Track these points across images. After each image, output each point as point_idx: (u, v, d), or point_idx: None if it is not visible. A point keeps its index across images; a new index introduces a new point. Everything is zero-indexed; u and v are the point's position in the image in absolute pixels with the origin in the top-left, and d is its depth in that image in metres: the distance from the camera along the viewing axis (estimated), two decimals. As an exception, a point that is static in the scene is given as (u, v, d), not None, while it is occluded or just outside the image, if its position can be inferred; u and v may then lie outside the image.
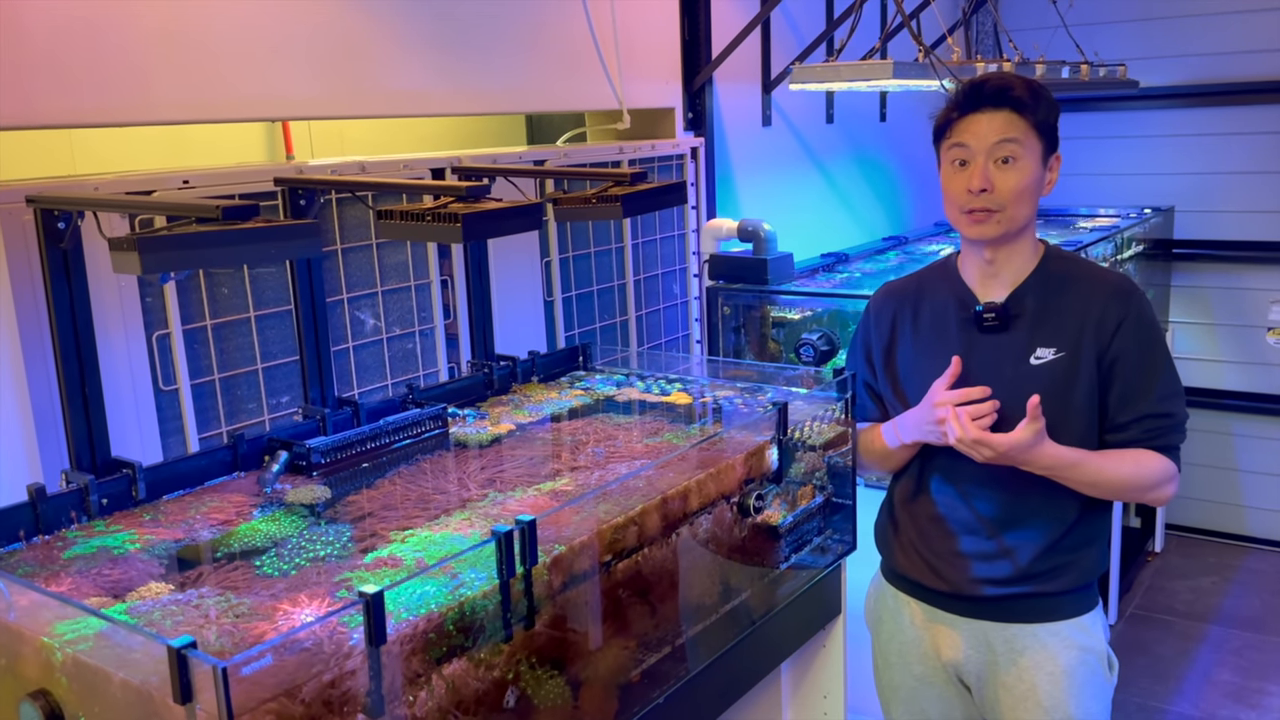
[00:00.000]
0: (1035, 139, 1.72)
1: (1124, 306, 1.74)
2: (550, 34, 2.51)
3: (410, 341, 2.25)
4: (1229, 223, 4.47)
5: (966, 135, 1.73)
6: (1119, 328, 1.73)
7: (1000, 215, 1.72)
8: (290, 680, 1.03)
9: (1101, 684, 1.84)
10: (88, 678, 1.11)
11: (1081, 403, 1.74)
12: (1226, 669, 3.63)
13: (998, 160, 1.71)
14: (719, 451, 1.71)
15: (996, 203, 1.71)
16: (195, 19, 1.79)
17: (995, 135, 1.70)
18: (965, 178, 1.73)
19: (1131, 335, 1.74)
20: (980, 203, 1.72)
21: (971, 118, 1.73)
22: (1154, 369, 1.75)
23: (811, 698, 2.10)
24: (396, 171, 2.13)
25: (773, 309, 3.02)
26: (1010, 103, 1.71)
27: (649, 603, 1.54)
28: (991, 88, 1.73)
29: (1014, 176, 1.71)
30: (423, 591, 1.22)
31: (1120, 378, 1.74)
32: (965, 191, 1.73)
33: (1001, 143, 1.70)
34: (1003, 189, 1.71)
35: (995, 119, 1.71)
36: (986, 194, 1.71)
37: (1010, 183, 1.71)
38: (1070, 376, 1.74)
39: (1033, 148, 1.72)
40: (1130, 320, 1.74)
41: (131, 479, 1.55)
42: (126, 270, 1.23)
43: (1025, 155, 1.71)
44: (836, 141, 3.79)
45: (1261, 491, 4.57)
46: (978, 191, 1.71)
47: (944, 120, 1.77)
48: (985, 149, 1.71)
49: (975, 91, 1.74)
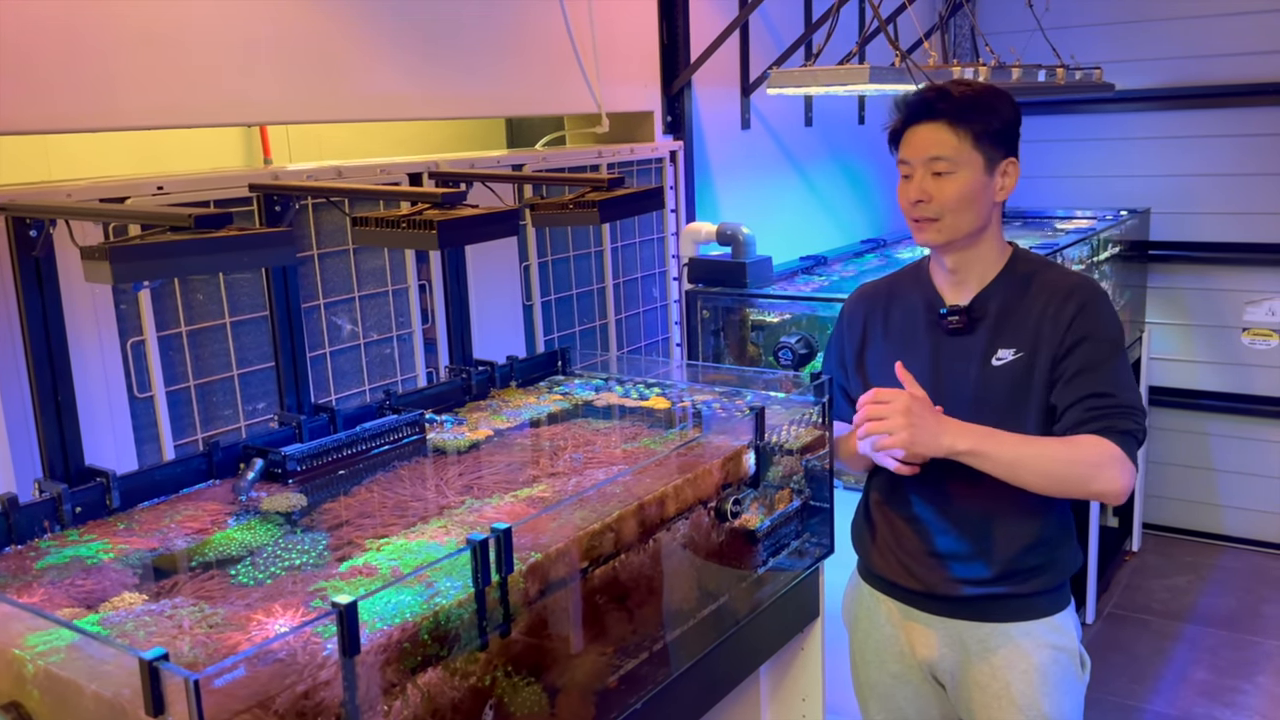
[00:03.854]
0: (972, 149, 1.74)
1: (1078, 304, 1.75)
2: (528, 38, 2.51)
3: (388, 347, 2.24)
4: (1204, 224, 4.51)
5: (907, 149, 1.79)
6: (1071, 323, 1.74)
7: (940, 224, 1.77)
8: (264, 692, 1.03)
9: (1074, 682, 1.86)
10: (59, 690, 1.10)
11: (1038, 403, 1.76)
12: (1202, 667, 3.66)
13: (933, 173, 1.75)
14: (696, 457, 1.71)
15: (934, 211, 1.76)
16: (169, 23, 1.78)
17: (928, 149, 1.75)
18: (907, 188, 1.79)
19: (1082, 328, 1.74)
20: (919, 212, 1.78)
21: (912, 129, 1.78)
22: (1100, 357, 1.72)
23: (790, 700, 2.10)
24: (373, 176, 2.12)
25: (752, 312, 3.03)
26: (945, 115, 1.75)
27: (626, 609, 1.54)
28: (926, 101, 1.77)
29: (950, 186, 1.75)
30: (398, 601, 1.21)
31: (1067, 368, 1.73)
32: (908, 202, 1.79)
33: (933, 159, 1.75)
34: (939, 198, 1.75)
35: (929, 132, 1.76)
36: (923, 204, 1.76)
37: (946, 192, 1.75)
38: (1027, 377, 1.76)
39: (969, 158, 1.74)
40: (1082, 315, 1.74)
41: (105, 488, 1.54)
42: (98, 280, 1.22)
43: (960, 166, 1.74)
44: (815, 145, 3.81)
45: (1237, 491, 4.61)
46: (914, 202, 1.77)
47: (891, 132, 1.84)
48: (921, 161, 1.76)
49: (913, 104, 1.79)
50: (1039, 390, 1.75)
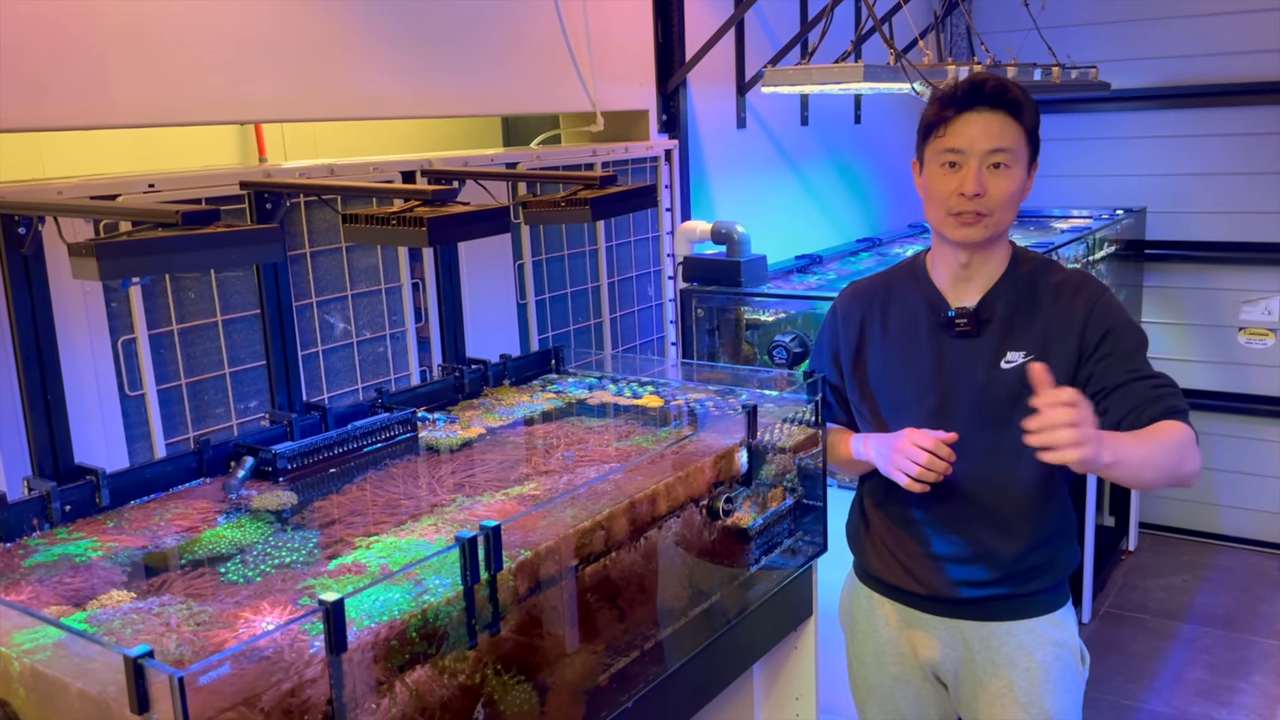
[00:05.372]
0: (1026, 145, 1.70)
1: (1088, 301, 1.74)
2: (523, 36, 2.50)
3: (381, 345, 2.24)
4: (1201, 224, 4.51)
5: (960, 138, 1.68)
6: (1087, 320, 1.72)
7: (988, 220, 1.70)
8: (249, 689, 1.02)
9: (1075, 678, 1.86)
10: (45, 688, 1.10)
11: None
12: (1198, 667, 3.66)
13: (990, 165, 1.68)
14: (689, 455, 1.71)
15: (987, 207, 1.68)
16: (163, 22, 1.78)
17: (991, 141, 1.67)
18: (957, 180, 1.69)
19: (1102, 322, 1.72)
20: (971, 206, 1.68)
21: (966, 117, 1.68)
22: (1130, 346, 1.70)
23: (783, 699, 2.10)
24: (366, 174, 2.12)
25: (746, 311, 3.02)
26: (1007, 105, 1.68)
27: (617, 607, 1.54)
28: (991, 88, 1.68)
29: (1005, 182, 1.69)
30: (386, 598, 1.21)
31: (1102, 359, 1.69)
32: (956, 194, 1.69)
33: (995, 150, 1.67)
34: (995, 194, 1.68)
35: (991, 121, 1.67)
36: (980, 198, 1.68)
37: (1002, 188, 1.68)
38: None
39: (1023, 153, 1.70)
40: (1097, 310, 1.73)
41: (95, 485, 1.53)
42: (86, 276, 1.22)
43: (1016, 162, 1.69)
44: (810, 143, 3.80)
45: (1233, 490, 4.61)
46: (971, 196, 1.68)
47: (936, 118, 1.72)
48: (980, 153, 1.67)
49: (974, 90, 1.69)
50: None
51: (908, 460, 1.71)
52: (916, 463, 1.70)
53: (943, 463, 1.70)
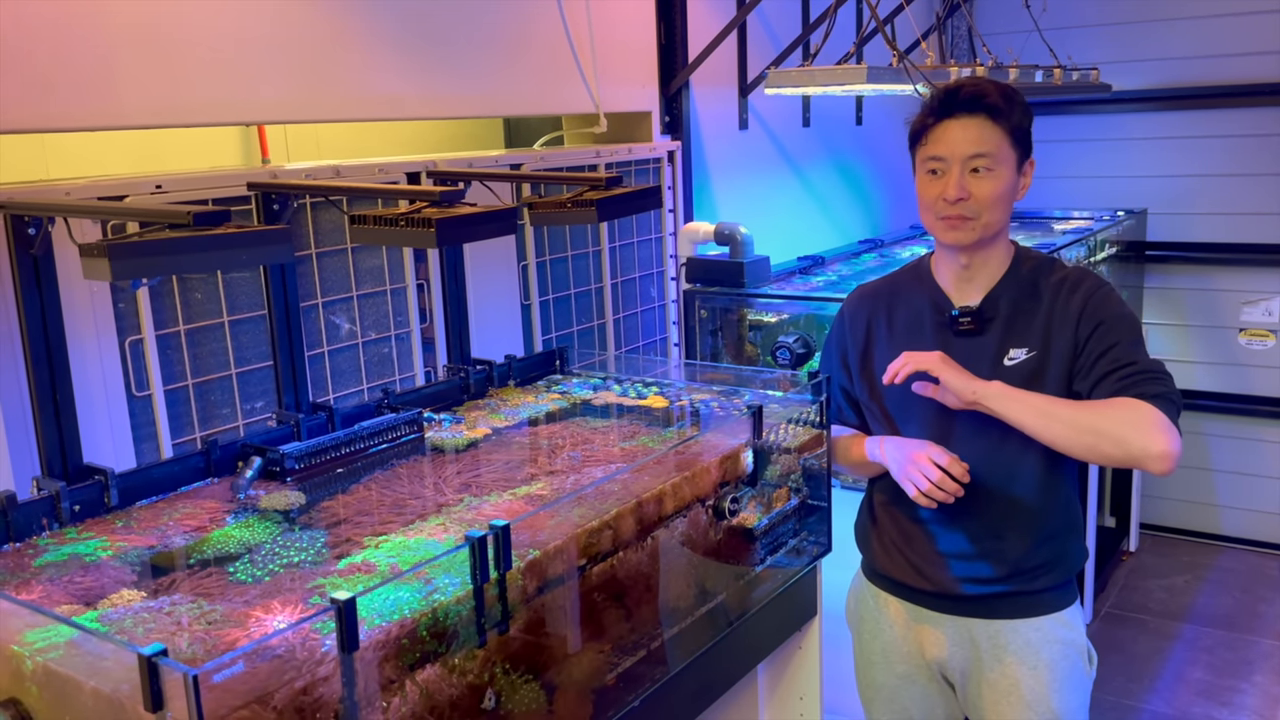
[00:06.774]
0: (1009, 146, 1.72)
1: (1085, 294, 1.75)
2: (527, 38, 2.51)
3: (386, 346, 2.24)
4: (1201, 225, 4.52)
5: (940, 145, 1.73)
6: (1082, 313, 1.74)
7: (975, 222, 1.73)
8: (262, 687, 1.03)
9: (1081, 677, 1.86)
10: (58, 686, 1.10)
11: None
12: (1199, 667, 3.67)
13: (971, 170, 1.71)
14: (694, 455, 1.71)
15: (972, 210, 1.72)
16: (167, 23, 1.78)
17: (970, 146, 1.71)
18: (940, 185, 1.73)
19: (1095, 314, 1.73)
20: (956, 210, 1.72)
21: (946, 124, 1.73)
22: (1118, 336, 1.71)
23: (788, 699, 2.11)
24: (371, 175, 2.12)
25: (749, 312, 3.03)
26: (984, 109, 1.71)
27: (624, 606, 1.54)
28: (966, 94, 1.72)
29: (989, 184, 1.72)
30: (396, 597, 1.22)
31: (1090, 352, 1.71)
32: (940, 199, 1.73)
33: (975, 156, 1.71)
34: (979, 196, 1.71)
35: (969, 126, 1.71)
36: (964, 202, 1.71)
37: (985, 190, 1.71)
38: (1040, 374, 1.75)
39: (1006, 155, 1.72)
40: (1092, 303, 1.74)
41: (103, 485, 1.54)
42: (97, 277, 1.22)
43: (999, 164, 1.72)
44: (813, 145, 3.81)
45: (1234, 491, 4.62)
46: (954, 200, 1.72)
47: (919, 126, 1.77)
48: (960, 158, 1.71)
49: (949, 98, 1.73)
50: (1053, 387, 1.74)
51: (920, 474, 1.73)
52: (928, 478, 1.72)
53: (954, 483, 1.72)
